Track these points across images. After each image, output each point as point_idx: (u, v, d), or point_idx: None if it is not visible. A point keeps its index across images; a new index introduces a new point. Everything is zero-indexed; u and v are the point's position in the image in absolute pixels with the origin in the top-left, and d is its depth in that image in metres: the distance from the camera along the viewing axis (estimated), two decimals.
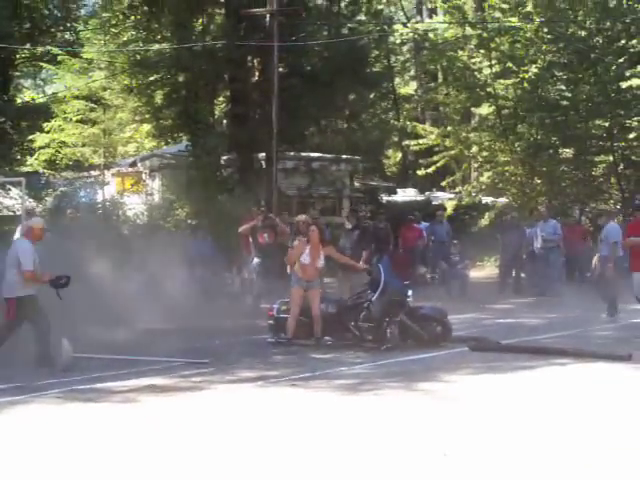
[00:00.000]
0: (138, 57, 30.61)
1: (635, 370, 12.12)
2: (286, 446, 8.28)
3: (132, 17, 31.78)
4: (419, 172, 33.73)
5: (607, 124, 28.40)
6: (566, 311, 17.59)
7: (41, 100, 36.89)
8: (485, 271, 29.21)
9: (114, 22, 32.01)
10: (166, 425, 9.32)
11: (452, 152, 31.46)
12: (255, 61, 31.83)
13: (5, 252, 13.71)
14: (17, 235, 15.05)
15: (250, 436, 8.72)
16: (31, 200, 24.06)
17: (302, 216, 18.88)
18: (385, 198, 36.39)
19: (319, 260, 15.21)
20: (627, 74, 27.60)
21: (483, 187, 31.92)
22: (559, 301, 20.13)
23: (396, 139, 41.43)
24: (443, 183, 34.19)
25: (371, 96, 37.11)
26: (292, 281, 15.24)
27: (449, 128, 32.11)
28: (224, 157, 29.27)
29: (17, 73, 37.00)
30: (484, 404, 10.08)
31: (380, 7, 43.94)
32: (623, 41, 28.42)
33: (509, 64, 30.14)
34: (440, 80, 39.83)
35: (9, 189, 25.91)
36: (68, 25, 36.40)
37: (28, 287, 13.43)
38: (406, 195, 37.63)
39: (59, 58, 31.13)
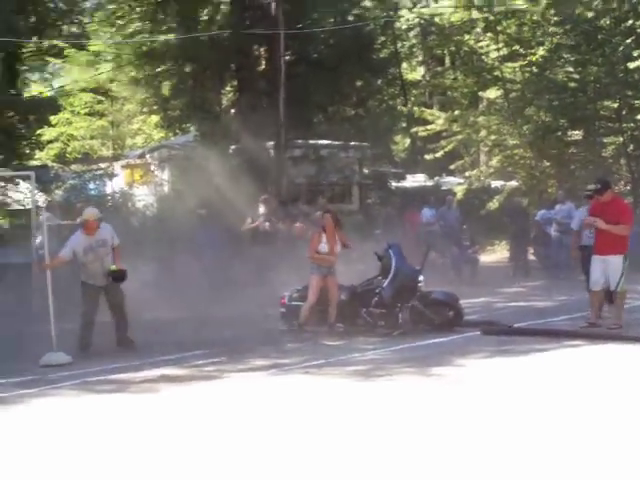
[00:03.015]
0: (145, 48, 30.56)
1: None
2: (300, 433, 8.31)
3: (138, 8, 31.68)
4: (428, 157, 33.66)
5: (616, 105, 28.29)
6: (578, 293, 17.53)
7: (49, 94, 36.83)
8: (495, 255, 29.19)
9: (120, 14, 31.90)
10: (181, 415, 9.35)
11: (460, 136, 31.41)
12: (261, 50, 31.73)
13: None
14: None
15: (265, 424, 8.75)
16: (40, 194, 24.06)
17: (317, 213, 19.06)
18: (394, 184, 36.31)
19: (337, 246, 15.20)
20: (635, 54, 27.46)
21: (492, 171, 31.85)
22: (571, 284, 20.10)
23: (404, 125, 41.31)
24: (452, 166, 34.13)
25: (378, 82, 36.93)
26: (312, 270, 15.15)
27: (457, 112, 32.02)
28: (232, 147, 29.23)
29: (24, 67, 36.90)
30: (497, 387, 10.09)
31: None
32: (630, 21, 28.26)
33: (516, 47, 30.08)
34: (447, 65, 39.75)
35: (18, 183, 25.88)
36: (74, 18, 36.36)
37: (84, 274, 13.97)
38: (415, 181, 37.53)
39: (66, 51, 31.13)
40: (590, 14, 28.78)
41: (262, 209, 21.92)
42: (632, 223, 14.77)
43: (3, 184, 25.78)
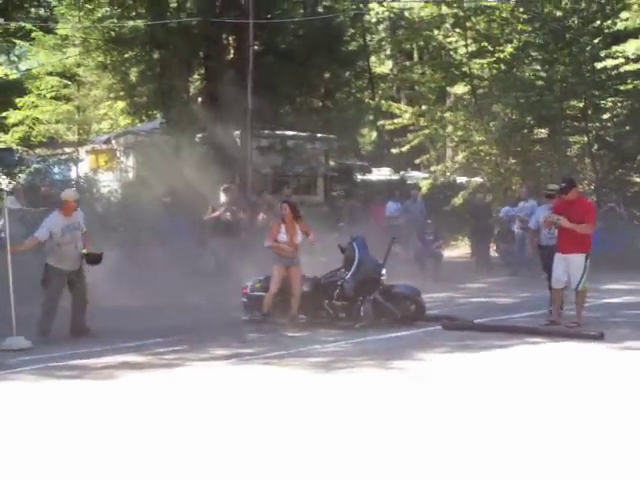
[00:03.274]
0: (113, 34, 30.41)
1: (606, 349, 12.21)
2: (259, 423, 8.31)
3: None
4: (394, 151, 33.73)
5: (582, 105, 28.44)
6: (540, 291, 17.62)
7: (15, 77, 36.59)
8: (459, 250, 29.31)
9: None
10: (139, 402, 9.34)
11: (427, 131, 31.50)
12: (230, 39, 31.68)
13: None
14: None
15: (222, 413, 8.75)
16: (4, 177, 23.92)
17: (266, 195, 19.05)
18: (360, 177, 36.39)
19: (296, 237, 15.21)
20: (602, 55, 27.66)
21: (457, 166, 31.97)
22: (532, 281, 20.22)
23: (371, 118, 41.37)
24: (417, 161, 34.23)
25: (346, 75, 36.98)
26: (273, 259, 15.19)
27: (424, 107, 32.12)
28: (199, 135, 29.17)
29: None
30: (458, 382, 10.13)
31: None
32: (598, 21, 28.42)
33: (484, 43, 30.21)
34: (416, 59, 39.92)
35: None
36: (42, 1, 36.13)
37: (53, 258, 13.81)
38: (381, 174, 37.62)
39: (33, 34, 30.90)
40: (559, 13, 28.93)
41: (223, 198, 21.88)
42: (595, 222, 14.88)
43: None
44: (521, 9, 29.47)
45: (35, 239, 13.87)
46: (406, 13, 32.74)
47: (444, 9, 30.90)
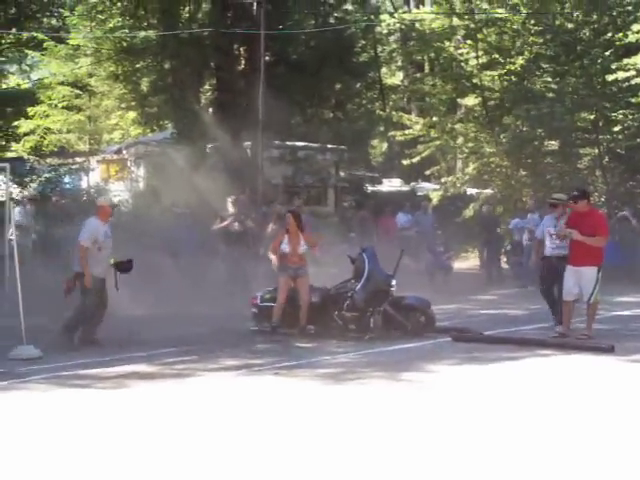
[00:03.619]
0: (124, 44, 30.50)
1: (617, 362, 12.18)
2: (268, 434, 8.30)
3: (119, 3, 31.63)
4: (404, 162, 33.73)
5: (593, 117, 28.43)
6: None
7: (26, 86, 36.71)
8: (469, 262, 29.27)
9: (101, 8, 31.85)
10: (150, 412, 9.33)
11: (437, 142, 31.48)
12: (241, 49, 31.75)
13: None
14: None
15: (232, 424, 8.74)
16: (15, 186, 23.96)
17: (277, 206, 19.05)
18: (370, 188, 36.39)
19: (299, 247, 15.19)
20: (613, 67, 27.67)
21: (468, 178, 31.94)
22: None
23: (382, 129, 41.39)
24: (427, 172, 34.22)
25: (357, 86, 37.04)
26: (278, 270, 15.21)
27: (435, 119, 32.09)
28: (209, 145, 29.21)
29: (2, 59, 36.75)
30: (466, 395, 10.11)
31: None
32: (610, 34, 28.45)
33: (496, 55, 30.15)
34: (426, 71, 39.88)
35: None
36: (54, 11, 36.22)
37: (93, 266, 13.73)
38: (391, 185, 37.63)
39: (45, 44, 31.01)
40: (570, 25, 28.92)
41: (231, 209, 21.87)
42: (608, 235, 14.85)
43: None
44: (532, 21, 29.44)
45: (81, 247, 13.74)
46: (417, 25, 32.67)
47: (455, 21, 30.88)
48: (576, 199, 14.59)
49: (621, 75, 27.36)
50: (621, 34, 28.33)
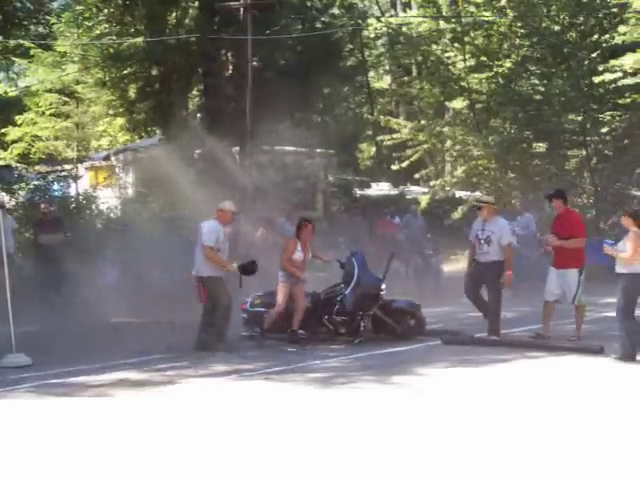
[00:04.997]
0: (111, 50, 30.49)
1: (607, 362, 12.21)
2: (260, 439, 8.29)
3: (105, 10, 31.62)
4: (393, 167, 33.79)
5: (580, 118, 28.49)
6: (539, 304, 17.59)
7: (14, 94, 36.62)
8: (459, 264, 29.24)
9: (87, 15, 31.85)
10: (140, 419, 9.31)
11: (426, 146, 31.53)
12: (229, 55, 31.79)
13: None
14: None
15: (224, 429, 8.73)
16: (3, 194, 23.89)
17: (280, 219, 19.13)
18: (359, 192, 36.43)
19: (308, 255, 15.15)
20: (600, 69, 27.72)
21: (456, 181, 31.98)
22: (532, 295, 20.17)
23: (370, 133, 41.46)
24: (416, 175, 34.26)
25: (345, 90, 37.14)
26: (281, 277, 14.95)
27: (423, 122, 32.18)
28: (197, 151, 29.18)
29: None
30: (457, 397, 10.12)
31: (354, 0, 43.96)
32: (596, 36, 28.54)
33: (483, 58, 30.24)
34: (414, 74, 39.97)
35: None
36: (41, 18, 36.17)
37: (213, 268, 13.75)
38: (380, 189, 37.67)
39: (32, 51, 30.95)
40: (557, 28, 29.00)
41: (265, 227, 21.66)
42: (585, 235, 14.77)
43: None
44: (519, 24, 29.52)
45: (208, 248, 13.76)
46: (404, 28, 32.76)
47: (442, 24, 30.96)
48: (551, 198, 14.63)
49: (608, 77, 27.40)
50: (607, 36, 28.41)
